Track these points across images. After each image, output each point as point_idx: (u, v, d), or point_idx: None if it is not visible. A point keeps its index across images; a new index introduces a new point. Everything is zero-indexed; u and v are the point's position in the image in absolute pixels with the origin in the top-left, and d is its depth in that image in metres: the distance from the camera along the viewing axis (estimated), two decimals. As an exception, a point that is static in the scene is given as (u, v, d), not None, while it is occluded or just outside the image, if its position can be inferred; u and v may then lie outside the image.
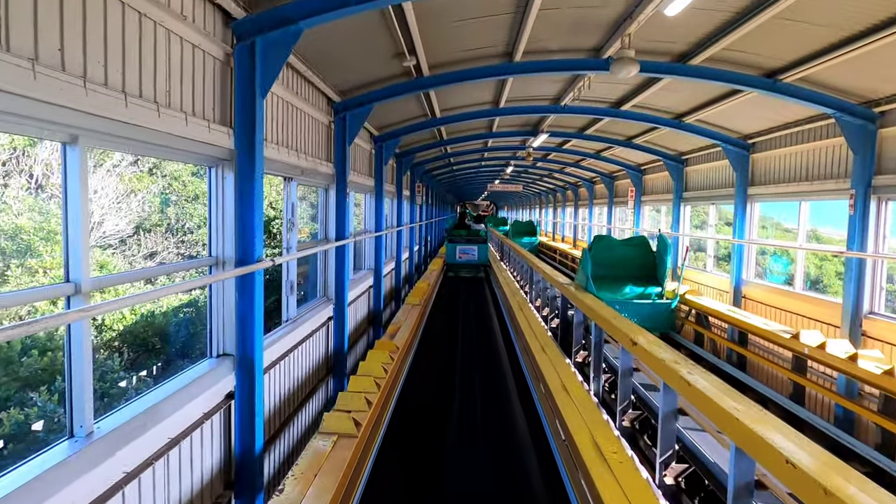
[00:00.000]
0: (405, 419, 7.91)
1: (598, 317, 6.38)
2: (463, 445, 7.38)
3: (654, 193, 18.93)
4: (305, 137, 7.76)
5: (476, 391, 9.69)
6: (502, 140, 18.78)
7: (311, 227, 11.63)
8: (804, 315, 10.19)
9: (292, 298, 7.25)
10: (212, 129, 4.80)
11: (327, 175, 8.72)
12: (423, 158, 19.88)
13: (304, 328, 7.65)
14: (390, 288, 16.17)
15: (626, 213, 22.98)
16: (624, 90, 11.45)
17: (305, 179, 7.72)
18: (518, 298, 13.00)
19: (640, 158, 19.09)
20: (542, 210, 42.41)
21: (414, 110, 12.13)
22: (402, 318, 11.35)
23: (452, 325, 14.30)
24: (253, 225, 5.22)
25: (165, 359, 13.00)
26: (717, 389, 4.16)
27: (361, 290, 11.67)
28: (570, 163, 23.26)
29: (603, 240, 7.74)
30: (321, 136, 8.56)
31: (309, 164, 7.68)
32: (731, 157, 12.60)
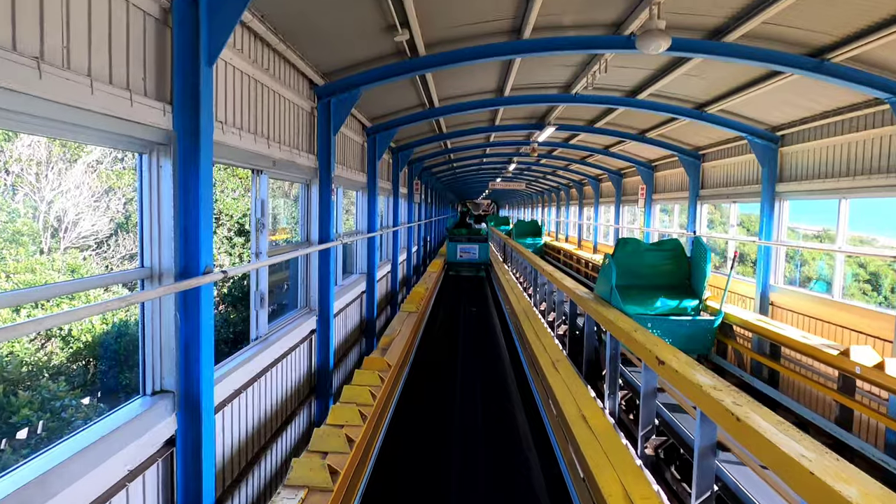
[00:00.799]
0: (394, 463, 6.79)
1: (626, 336, 5.28)
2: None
3: (666, 191, 17.78)
4: (280, 124, 6.62)
5: (478, 418, 8.58)
6: (506, 134, 17.64)
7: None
8: (845, 326, 9.05)
9: (262, 313, 6.12)
10: (137, 102, 3.66)
11: (308, 168, 7.58)
12: (421, 154, 18.75)
13: (279, 346, 6.52)
14: (386, 292, 15.03)
15: (635, 213, 21.83)
16: (643, 75, 10.30)
17: (279, 172, 6.58)
18: (524, 305, 11.88)
19: (651, 154, 17.93)
20: (545, 209, 41.25)
21: (410, 99, 10.99)
22: (397, 328, 10.24)
23: (452, 334, 13.15)
24: (198, 227, 4.09)
25: (96, 395, 11.35)
26: (776, 429, 3.29)
27: (352, 297, 10.54)
28: (575, 159, 22.11)
29: (629, 244, 6.55)
30: (301, 124, 7.42)
31: (283, 154, 6.54)
32: (757, 150, 11.45)
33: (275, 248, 7.00)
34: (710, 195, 14.45)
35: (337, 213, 9.84)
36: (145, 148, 3.98)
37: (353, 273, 11.81)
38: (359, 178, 11.05)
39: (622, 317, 6.03)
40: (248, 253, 14.63)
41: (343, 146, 9.80)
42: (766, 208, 11.35)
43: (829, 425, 7.26)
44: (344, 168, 9.82)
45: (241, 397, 5.47)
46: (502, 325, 15.03)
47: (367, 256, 11.70)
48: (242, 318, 14.98)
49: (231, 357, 5.44)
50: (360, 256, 11.86)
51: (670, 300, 6.14)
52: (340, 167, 9.45)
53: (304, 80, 7.47)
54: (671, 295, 6.21)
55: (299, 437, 7.51)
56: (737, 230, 13.73)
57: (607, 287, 5.86)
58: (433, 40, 7.69)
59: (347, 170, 10.10)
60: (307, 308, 7.96)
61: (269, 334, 6.33)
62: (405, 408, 8.19)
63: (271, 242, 6.79)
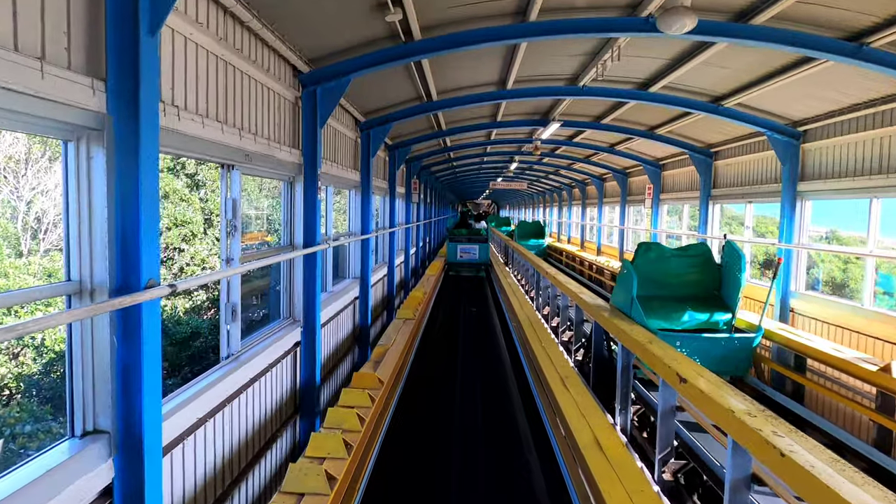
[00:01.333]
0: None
1: (641, 348, 4.52)
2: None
3: (674, 191, 17.02)
4: (257, 114, 5.87)
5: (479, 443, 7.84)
6: (508, 131, 16.88)
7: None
8: (878, 337, 8.29)
9: (234, 328, 5.37)
10: (49, 75, 2.91)
11: (291, 164, 6.82)
12: (420, 152, 18.00)
13: (256, 363, 5.77)
14: (382, 297, 14.28)
15: (641, 213, 21.07)
16: (656, 66, 9.55)
17: (256, 168, 5.83)
18: (527, 312, 11.12)
19: (659, 152, 17.17)
20: (547, 209, 40.49)
21: (406, 91, 10.23)
22: (392, 337, 9.48)
23: (451, 343, 12.37)
24: (138, 231, 3.34)
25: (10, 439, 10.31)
26: (832, 469, 2.69)
27: (344, 303, 9.79)
28: (579, 158, 21.35)
29: (651, 249, 5.73)
30: (283, 115, 6.67)
31: (260, 147, 5.78)
32: (777, 147, 10.68)
33: (252, 251, 6.24)
34: (723, 195, 13.68)
35: (326, 213, 9.09)
36: (71, 134, 3.23)
37: (345, 278, 11.05)
38: (351, 176, 10.29)
39: (636, 327, 5.29)
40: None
41: (333, 141, 9.04)
42: (787, 209, 10.59)
43: (864, 447, 6.50)
44: (334, 165, 9.06)
45: (206, 428, 4.71)
46: (502, 326, 14.50)
47: (361, 260, 10.95)
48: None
49: (190, 384, 4.68)
50: (354, 260, 11.11)
51: (699, 313, 5.36)
52: (329, 164, 8.70)
53: (286, 66, 6.71)
54: (700, 307, 5.42)
55: (282, 461, 6.76)
56: (751, 232, 12.96)
57: (627, 298, 5.09)
58: (430, 23, 6.93)
59: (338, 167, 9.34)
60: (291, 319, 7.20)
61: (242, 351, 5.58)
62: (399, 430, 7.43)
63: (248, 246, 6.02)
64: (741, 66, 8.86)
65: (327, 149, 8.69)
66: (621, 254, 21.44)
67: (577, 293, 6.43)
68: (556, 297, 12.04)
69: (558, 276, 8.70)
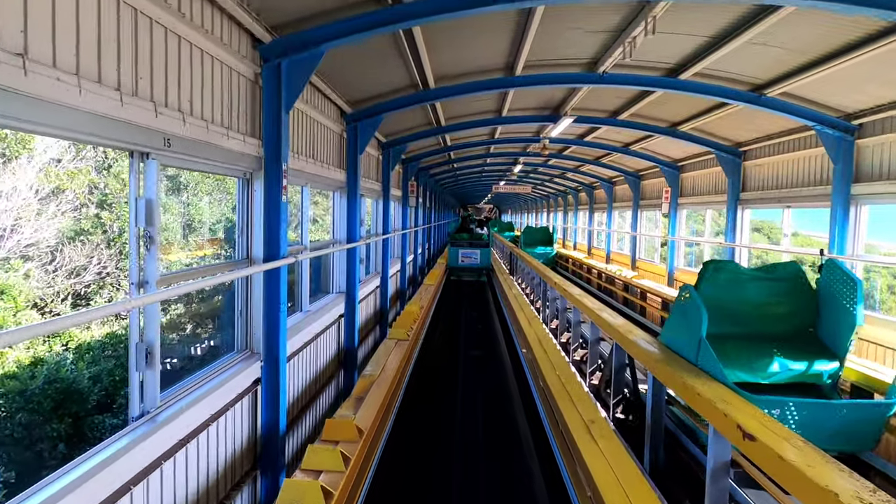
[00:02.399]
0: None
1: (680, 385, 3.03)
2: None
3: (695, 195, 15.52)
4: (192, 88, 4.42)
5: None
6: (513, 129, 15.41)
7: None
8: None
9: (151, 377, 3.88)
10: None
11: (246, 156, 5.34)
12: (418, 152, 16.56)
13: (189, 419, 4.28)
14: (374, 311, 12.79)
15: (656, 218, 19.58)
16: (692, 46, 8.09)
17: (188, 159, 4.35)
18: (537, 331, 9.61)
19: (678, 153, 15.70)
20: (551, 214, 38.98)
21: (399, 77, 8.81)
22: (381, 363, 8.00)
23: (450, 368, 10.84)
24: None
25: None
26: None
27: (325, 325, 8.34)
28: (589, 160, 19.88)
29: (722, 269, 4.08)
30: (236, 93, 5.22)
31: (193, 131, 4.31)
32: (828, 143, 9.20)
33: (188, 270, 4.77)
34: (755, 199, 12.19)
35: (302, 219, 7.61)
36: None
37: (329, 292, 9.56)
38: (335, 176, 8.81)
39: (673, 356, 3.80)
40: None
41: (311, 133, 7.57)
42: (839, 214, 9.10)
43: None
44: (312, 161, 7.58)
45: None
46: (505, 335, 13.30)
47: (347, 272, 9.45)
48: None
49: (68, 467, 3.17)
50: (339, 272, 9.61)
51: (792, 361, 3.79)
52: (305, 159, 7.23)
53: (240, 31, 5.25)
54: (792, 352, 3.85)
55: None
56: (790, 241, 11.45)
57: (690, 337, 3.59)
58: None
59: (318, 164, 7.86)
60: (248, 351, 5.71)
61: (165, 405, 4.08)
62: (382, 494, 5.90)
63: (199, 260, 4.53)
64: (795, 43, 7.39)
65: (302, 141, 7.23)
66: (633, 262, 19.94)
67: (620, 330, 4.85)
68: (565, 309, 10.61)
69: (585, 301, 7.19)
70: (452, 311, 17.54)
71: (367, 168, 11.43)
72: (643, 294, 16.53)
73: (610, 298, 19.42)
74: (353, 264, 9.60)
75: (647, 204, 19.49)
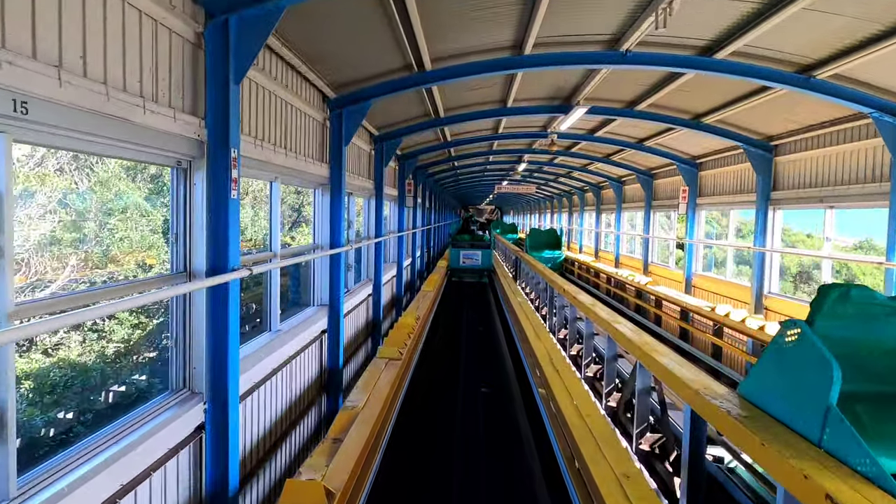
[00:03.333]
0: None
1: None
2: None
3: (716, 194, 14.22)
4: (94, 39, 3.13)
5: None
6: (519, 122, 14.13)
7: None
8: None
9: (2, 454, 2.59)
10: None
11: (175, 138, 4.05)
12: (415, 147, 15.28)
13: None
14: (365, 323, 11.52)
15: (670, 220, 18.29)
16: (733, 18, 6.79)
17: (69, 135, 3.06)
18: (548, 348, 8.33)
19: (696, 149, 14.42)
20: (555, 215, 37.67)
21: (388, 56, 7.50)
22: (367, 390, 6.68)
23: (448, 409, 9.44)
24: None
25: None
26: None
27: (301, 344, 7.10)
28: (598, 157, 18.59)
29: (850, 298, 2.82)
30: (166, 58, 3.95)
31: (79, 94, 3.02)
32: (886, 132, 7.88)
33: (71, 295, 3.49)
34: (789, 198, 10.89)
35: (271, 219, 6.34)
36: None
37: (309, 305, 8.28)
38: (314, 170, 7.53)
39: (767, 423, 2.57)
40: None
41: (278, 116, 6.29)
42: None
43: None
44: (281, 150, 6.29)
45: None
46: (507, 338, 12.35)
47: (331, 281, 8.17)
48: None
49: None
50: (320, 281, 8.33)
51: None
52: (270, 147, 5.93)
53: None
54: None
55: None
56: (831, 246, 10.15)
57: (803, 399, 2.31)
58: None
59: (291, 154, 6.57)
60: (188, 391, 4.42)
61: (29, 494, 2.78)
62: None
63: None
64: (857, 9, 6.09)
65: (271, 127, 5.97)
66: (645, 266, 18.63)
67: (691, 384, 3.52)
68: (575, 319, 9.41)
69: (621, 328, 5.89)
70: (453, 320, 16.27)
71: (356, 163, 10.21)
72: (658, 301, 15.23)
73: (620, 305, 18.13)
74: (338, 272, 8.30)
75: (659, 205, 18.19)
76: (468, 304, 18.47)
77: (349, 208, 9.81)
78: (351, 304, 9.62)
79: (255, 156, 5.43)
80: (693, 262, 15.04)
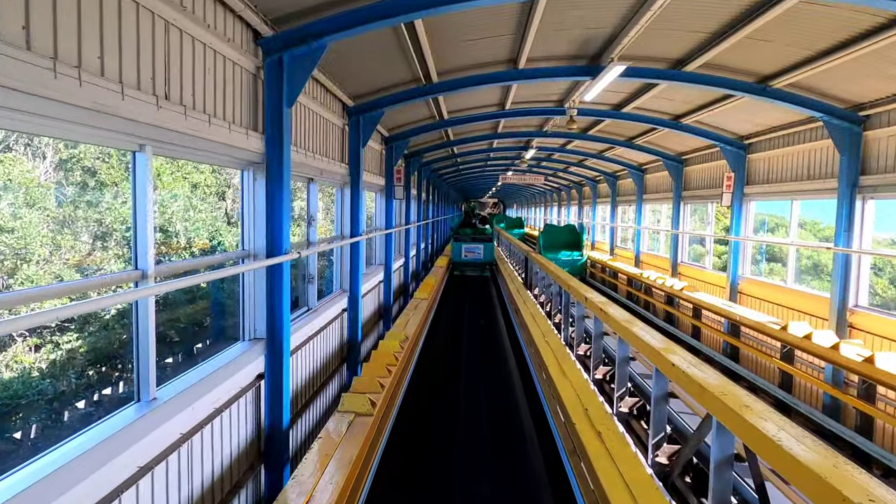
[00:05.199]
0: None
1: None
2: None
3: (771, 181, 11.58)
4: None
5: None
6: (531, 93, 11.49)
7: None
8: None
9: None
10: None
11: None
12: (405, 128, 12.72)
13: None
14: (339, 344, 8.98)
15: (706, 212, 15.62)
16: None
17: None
18: (575, 385, 5.79)
19: (748, 126, 11.77)
20: (562, 208, 34.96)
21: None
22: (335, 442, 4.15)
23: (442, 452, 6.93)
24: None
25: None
26: None
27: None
28: (619, 141, 15.90)
29: None
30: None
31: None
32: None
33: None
34: (889, 184, 8.19)
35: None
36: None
37: (239, 340, 5.72)
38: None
39: None
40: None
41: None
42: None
43: None
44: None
45: None
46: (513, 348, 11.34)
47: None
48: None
49: None
50: (251, 307, 5.76)
51: None
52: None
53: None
54: None
55: None
56: None
57: None
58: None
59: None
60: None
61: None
62: None
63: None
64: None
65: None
66: (673, 266, 16.00)
67: None
68: (602, 333, 6.89)
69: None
70: (452, 329, 13.98)
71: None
72: (696, 311, 12.61)
73: (646, 311, 15.53)
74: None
75: (691, 195, 15.52)
76: (470, 299, 18.10)
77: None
78: (303, 335, 7.06)
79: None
80: (739, 262, 12.40)
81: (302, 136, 6.90)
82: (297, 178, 7.03)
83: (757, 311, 10.83)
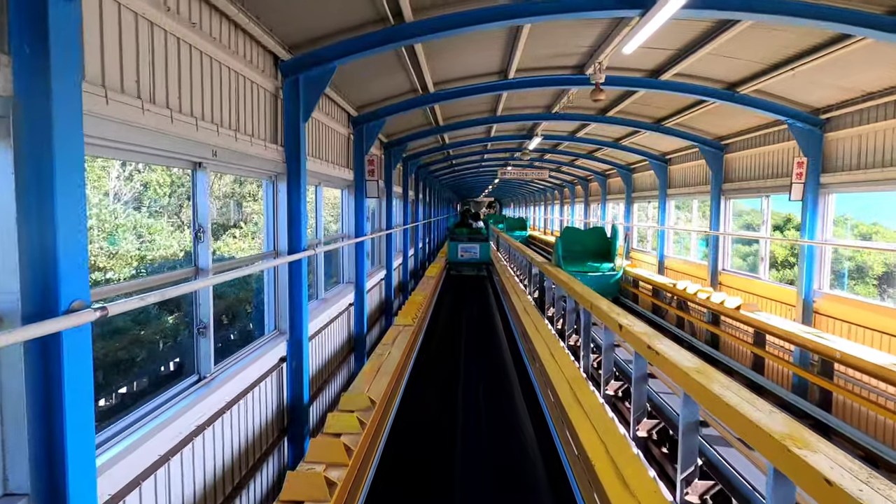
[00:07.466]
0: None
1: None
2: None
3: (854, 168, 8.62)
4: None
5: None
6: (546, 50, 8.51)
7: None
8: None
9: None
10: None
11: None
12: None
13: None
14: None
15: (762, 208, 12.53)
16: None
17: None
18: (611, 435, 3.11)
19: (813, 97, 8.84)
20: (566, 206, 32.19)
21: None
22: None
23: None
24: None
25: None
26: None
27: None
28: (647, 124, 13.16)
29: None
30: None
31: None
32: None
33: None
34: None
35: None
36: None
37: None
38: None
39: None
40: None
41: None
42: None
43: None
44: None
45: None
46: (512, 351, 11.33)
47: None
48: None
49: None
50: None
51: None
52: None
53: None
54: None
55: None
56: None
57: None
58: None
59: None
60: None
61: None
62: None
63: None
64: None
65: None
66: (713, 275, 13.03)
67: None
68: None
69: None
70: (451, 333, 13.61)
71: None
72: (759, 337, 9.60)
73: (680, 331, 12.56)
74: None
75: (735, 188, 12.58)
76: (467, 299, 18.32)
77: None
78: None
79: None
80: (815, 273, 9.42)
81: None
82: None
83: (859, 343, 7.84)
